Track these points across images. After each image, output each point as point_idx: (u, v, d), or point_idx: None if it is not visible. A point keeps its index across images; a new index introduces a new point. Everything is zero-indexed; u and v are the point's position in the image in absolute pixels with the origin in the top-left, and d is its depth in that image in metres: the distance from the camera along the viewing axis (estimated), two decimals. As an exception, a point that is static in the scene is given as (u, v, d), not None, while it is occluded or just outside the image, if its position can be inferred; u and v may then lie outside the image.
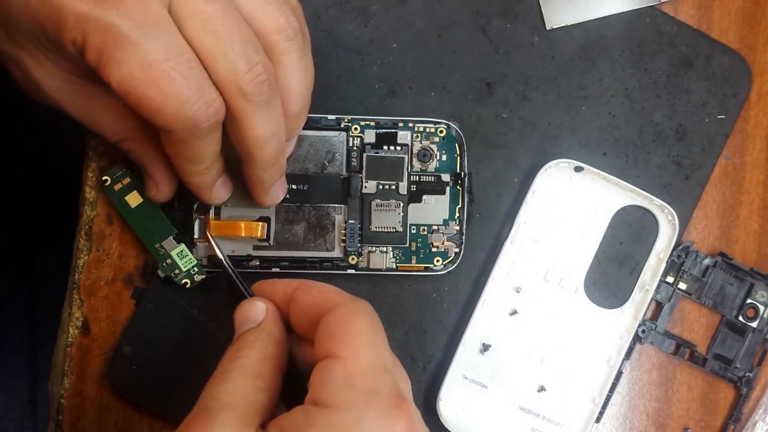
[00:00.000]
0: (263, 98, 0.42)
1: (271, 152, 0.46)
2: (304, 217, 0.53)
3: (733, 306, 0.56)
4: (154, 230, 0.52)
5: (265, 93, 0.42)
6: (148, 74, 0.39)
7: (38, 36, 0.42)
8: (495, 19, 0.55)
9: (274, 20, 0.43)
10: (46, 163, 0.81)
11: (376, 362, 0.39)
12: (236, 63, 0.41)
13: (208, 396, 0.40)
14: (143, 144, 0.49)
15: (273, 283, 0.45)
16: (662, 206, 0.54)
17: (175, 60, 0.40)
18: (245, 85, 0.41)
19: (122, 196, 0.52)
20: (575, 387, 0.54)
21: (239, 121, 0.43)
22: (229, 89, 0.42)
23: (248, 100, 0.42)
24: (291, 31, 0.43)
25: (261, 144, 0.45)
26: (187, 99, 0.40)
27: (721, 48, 0.56)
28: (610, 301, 0.55)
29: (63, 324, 0.54)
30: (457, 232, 0.54)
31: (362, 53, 0.55)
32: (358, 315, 0.40)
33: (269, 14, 0.43)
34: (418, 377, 0.55)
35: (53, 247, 0.81)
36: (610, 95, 0.56)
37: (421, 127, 0.53)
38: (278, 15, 0.43)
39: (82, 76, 0.45)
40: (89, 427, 0.54)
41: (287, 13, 0.43)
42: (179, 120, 0.41)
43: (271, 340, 0.42)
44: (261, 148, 0.45)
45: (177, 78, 0.40)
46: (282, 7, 0.43)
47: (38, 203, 0.81)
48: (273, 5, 0.43)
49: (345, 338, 0.39)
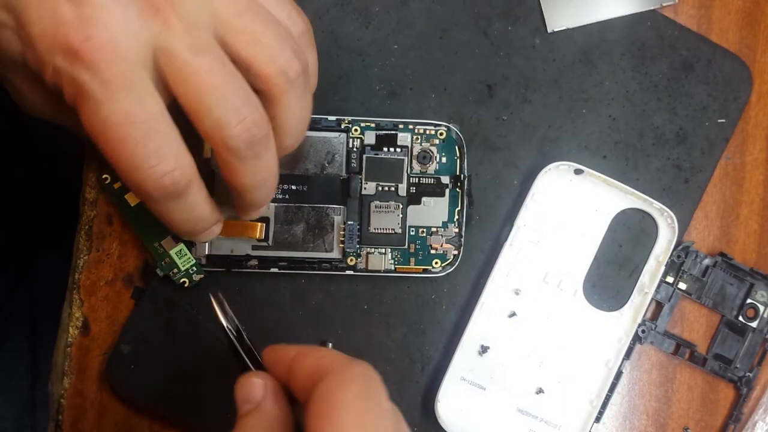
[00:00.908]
0: (251, 153, 0.42)
1: (261, 195, 0.46)
2: (303, 218, 0.53)
3: (733, 306, 0.56)
4: (153, 229, 0.52)
5: (253, 149, 0.42)
6: (106, 134, 0.39)
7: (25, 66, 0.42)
8: (496, 21, 0.56)
9: (274, 63, 0.42)
10: (46, 163, 0.81)
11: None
12: (221, 117, 0.40)
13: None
14: None
15: (276, 350, 0.42)
16: (662, 209, 0.54)
17: (134, 126, 0.39)
18: (231, 140, 0.41)
19: (122, 195, 0.52)
20: (574, 389, 0.54)
21: (227, 170, 0.43)
22: (216, 143, 0.42)
23: (235, 156, 0.42)
24: (292, 73, 0.42)
25: (250, 189, 0.45)
26: (137, 166, 0.40)
27: (722, 52, 0.56)
28: (609, 303, 0.55)
29: (63, 324, 0.54)
30: (457, 234, 0.54)
31: (363, 54, 0.55)
32: (347, 385, 0.36)
33: (269, 57, 0.42)
34: (416, 378, 0.54)
35: (53, 247, 0.81)
36: (611, 98, 0.56)
37: (421, 129, 0.53)
38: (278, 57, 0.42)
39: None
40: (89, 427, 0.54)
41: (288, 56, 0.42)
42: (131, 184, 0.41)
43: (272, 422, 0.40)
44: (250, 192, 0.45)
45: (130, 143, 0.39)
46: (283, 50, 0.42)
47: (38, 203, 0.81)
48: (274, 48, 0.42)
49: (330, 416, 0.35)
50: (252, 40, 0.42)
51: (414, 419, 0.54)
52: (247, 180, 0.44)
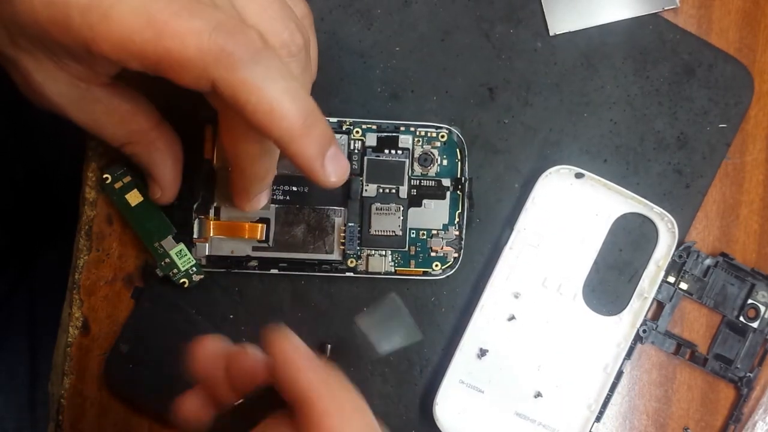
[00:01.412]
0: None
1: (263, 167, 0.46)
2: (303, 219, 0.53)
3: (734, 306, 0.56)
4: (153, 229, 0.52)
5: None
6: (155, 27, 0.38)
7: (43, 39, 0.42)
8: (498, 24, 0.56)
9: (278, 35, 0.42)
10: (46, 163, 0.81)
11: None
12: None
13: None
14: (147, 148, 0.49)
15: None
16: (662, 214, 0.54)
17: (179, 3, 0.38)
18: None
19: (123, 195, 0.52)
20: (572, 393, 0.54)
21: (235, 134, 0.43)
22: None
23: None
24: (294, 47, 0.42)
25: (253, 158, 0.45)
26: (200, 28, 0.38)
27: (724, 56, 0.56)
28: (609, 308, 0.55)
29: (63, 324, 0.54)
30: (457, 237, 0.54)
31: (365, 56, 0.55)
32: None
33: (273, 29, 0.42)
34: (414, 381, 0.54)
35: (53, 247, 0.81)
36: (612, 102, 0.56)
37: (422, 131, 0.53)
38: (282, 30, 0.42)
39: (85, 80, 0.45)
40: (89, 427, 0.54)
41: (291, 29, 0.42)
42: (203, 55, 0.38)
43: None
44: (253, 162, 0.45)
45: (184, 15, 0.38)
46: (286, 23, 0.42)
47: (38, 203, 0.81)
48: (277, 20, 0.42)
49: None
50: (259, 9, 0.42)
51: (412, 422, 0.54)
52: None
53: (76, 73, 0.44)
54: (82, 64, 0.43)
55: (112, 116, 0.47)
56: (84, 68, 0.44)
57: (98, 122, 0.47)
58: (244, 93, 0.38)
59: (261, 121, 0.39)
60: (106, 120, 0.47)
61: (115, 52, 0.39)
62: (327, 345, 0.54)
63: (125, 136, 0.48)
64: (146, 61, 0.39)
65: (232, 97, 0.38)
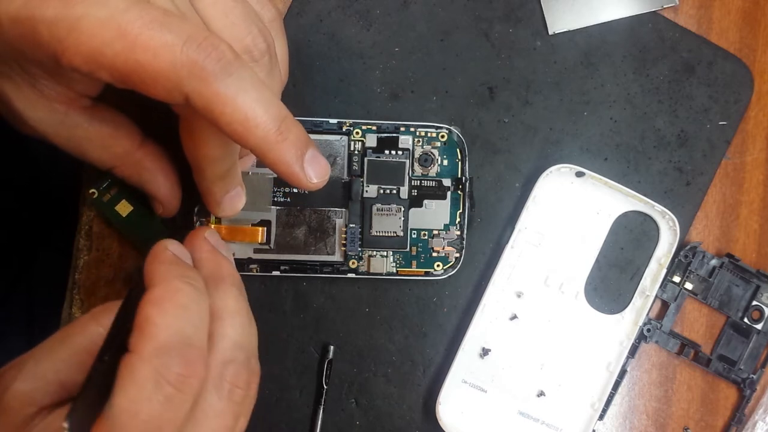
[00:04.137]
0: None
1: (222, 167, 0.46)
2: (304, 221, 0.53)
3: (738, 307, 0.56)
4: (148, 236, 0.52)
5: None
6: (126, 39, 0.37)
7: (16, 59, 0.41)
8: (497, 23, 0.55)
9: (240, 41, 0.42)
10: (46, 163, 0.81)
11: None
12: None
13: None
14: (135, 168, 0.49)
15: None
16: (663, 212, 0.54)
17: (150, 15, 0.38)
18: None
19: (112, 207, 0.52)
20: (575, 392, 0.54)
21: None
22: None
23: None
24: (257, 52, 0.42)
25: (212, 159, 0.45)
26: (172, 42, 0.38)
27: (723, 54, 0.56)
28: (611, 306, 0.55)
29: (63, 324, 0.54)
30: (458, 237, 0.54)
31: (364, 57, 0.55)
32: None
33: (234, 34, 0.42)
34: (417, 381, 0.55)
35: (53, 247, 0.81)
36: (612, 100, 0.56)
37: (422, 131, 0.53)
38: (244, 35, 0.42)
39: (65, 103, 0.45)
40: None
41: (254, 34, 0.42)
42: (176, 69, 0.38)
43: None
44: (212, 163, 0.45)
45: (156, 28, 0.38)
46: (249, 28, 0.42)
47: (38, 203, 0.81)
48: (239, 26, 0.42)
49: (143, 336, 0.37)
50: (221, 14, 0.42)
51: (415, 422, 0.54)
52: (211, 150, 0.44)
53: (55, 96, 0.44)
54: (59, 84, 0.43)
55: (93, 140, 0.47)
56: (62, 89, 0.44)
57: (81, 147, 0.47)
58: (218, 105, 0.38)
59: (236, 131, 0.39)
60: (87, 145, 0.47)
61: (86, 64, 0.38)
62: (330, 346, 0.54)
63: (111, 160, 0.48)
64: (116, 73, 0.38)
65: (205, 109, 0.39)
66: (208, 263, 0.44)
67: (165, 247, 0.42)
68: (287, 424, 0.54)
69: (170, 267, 0.40)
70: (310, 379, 0.54)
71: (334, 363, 0.54)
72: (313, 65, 0.55)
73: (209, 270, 0.44)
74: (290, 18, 0.55)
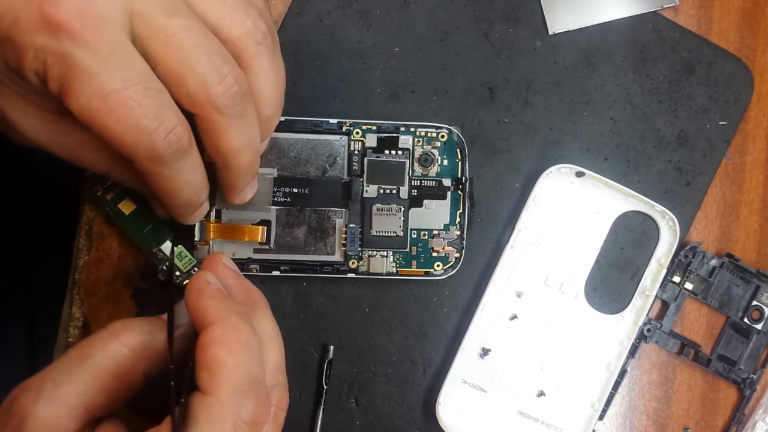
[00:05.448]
0: (237, 110, 0.42)
1: (247, 160, 0.46)
2: (304, 221, 0.53)
3: (738, 307, 0.56)
4: (151, 235, 0.52)
5: (238, 104, 0.42)
6: (105, 105, 0.39)
7: (5, 72, 0.41)
8: (497, 23, 0.55)
9: (241, 25, 0.42)
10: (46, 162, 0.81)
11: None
12: (206, 76, 0.40)
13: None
14: (132, 173, 0.49)
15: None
16: (663, 212, 0.54)
17: (133, 89, 0.39)
18: (217, 98, 0.41)
19: (115, 205, 0.52)
20: (575, 392, 0.54)
21: (213, 132, 0.43)
22: (202, 104, 0.41)
23: (222, 113, 0.42)
24: (259, 35, 0.43)
25: (236, 153, 0.45)
26: (145, 128, 0.39)
27: (723, 54, 0.56)
28: (611, 306, 0.55)
29: (63, 324, 0.54)
30: (458, 237, 0.54)
31: (364, 57, 0.55)
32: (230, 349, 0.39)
33: (235, 20, 0.42)
34: (417, 381, 0.55)
35: (53, 247, 0.81)
36: (612, 100, 0.56)
37: (422, 131, 0.53)
38: (245, 19, 0.42)
39: (56, 112, 0.44)
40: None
41: (254, 17, 0.42)
42: (139, 149, 0.40)
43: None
44: (236, 157, 0.45)
45: (134, 107, 0.39)
46: (248, 11, 0.42)
47: (38, 203, 0.81)
48: (238, 11, 0.42)
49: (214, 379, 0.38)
50: (218, 3, 0.42)
51: (415, 422, 0.54)
52: (233, 141, 0.44)
53: (46, 105, 0.44)
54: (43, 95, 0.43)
55: (87, 147, 0.46)
56: (48, 99, 0.44)
57: (75, 153, 0.47)
58: (160, 182, 0.43)
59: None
60: (82, 151, 0.47)
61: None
62: (330, 346, 0.54)
63: (106, 165, 0.48)
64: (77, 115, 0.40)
65: (150, 182, 0.43)
66: (239, 290, 0.46)
67: (206, 281, 0.43)
68: (287, 424, 0.54)
69: (221, 303, 0.41)
70: (310, 379, 0.54)
71: (334, 363, 0.54)
72: (313, 65, 0.55)
73: (242, 297, 0.45)
74: (290, 18, 0.55)
